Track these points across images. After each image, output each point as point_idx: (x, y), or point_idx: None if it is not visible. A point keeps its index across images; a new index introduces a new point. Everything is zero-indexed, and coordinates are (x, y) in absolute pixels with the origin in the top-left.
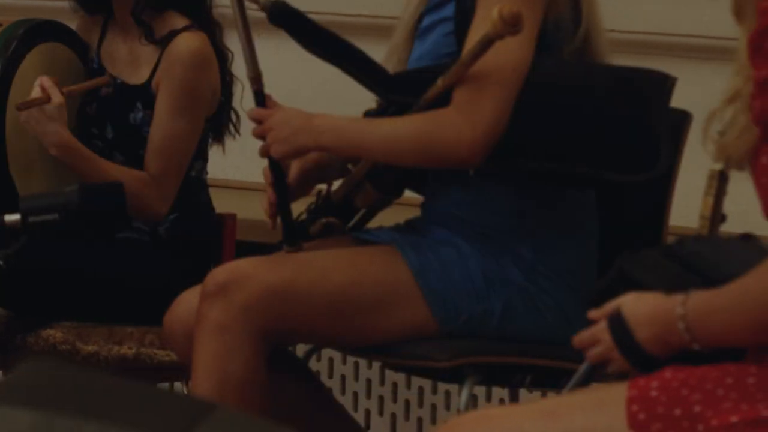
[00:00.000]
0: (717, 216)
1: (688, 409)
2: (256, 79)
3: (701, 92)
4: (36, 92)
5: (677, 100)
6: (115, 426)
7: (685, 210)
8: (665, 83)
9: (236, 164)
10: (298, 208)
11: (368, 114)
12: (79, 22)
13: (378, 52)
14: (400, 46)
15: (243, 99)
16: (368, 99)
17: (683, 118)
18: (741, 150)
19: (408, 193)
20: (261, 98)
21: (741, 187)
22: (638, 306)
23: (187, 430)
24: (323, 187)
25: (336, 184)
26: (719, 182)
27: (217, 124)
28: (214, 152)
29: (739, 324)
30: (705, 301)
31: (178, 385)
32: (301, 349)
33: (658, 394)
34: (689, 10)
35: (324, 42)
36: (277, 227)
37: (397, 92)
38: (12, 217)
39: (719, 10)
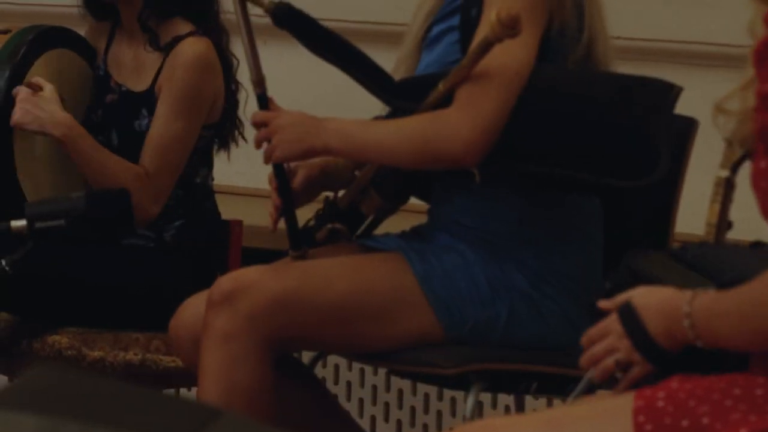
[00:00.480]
0: (723, 223)
1: (696, 421)
2: (259, 82)
3: (706, 99)
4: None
5: (681, 107)
6: (120, 431)
7: (692, 217)
8: (670, 92)
9: (242, 170)
10: (307, 214)
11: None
12: (87, 28)
13: (383, 59)
14: (409, 57)
15: (246, 107)
16: (372, 107)
17: (689, 125)
18: (743, 130)
19: (414, 200)
20: (264, 101)
21: (747, 195)
22: (649, 298)
23: None
24: (331, 193)
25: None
26: (725, 189)
27: (222, 131)
28: (219, 159)
29: (742, 330)
30: (711, 302)
31: (184, 391)
32: (306, 356)
33: (665, 405)
34: (694, 17)
35: (329, 44)
36: (278, 231)
37: (401, 98)
38: (18, 223)
39: (724, 17)
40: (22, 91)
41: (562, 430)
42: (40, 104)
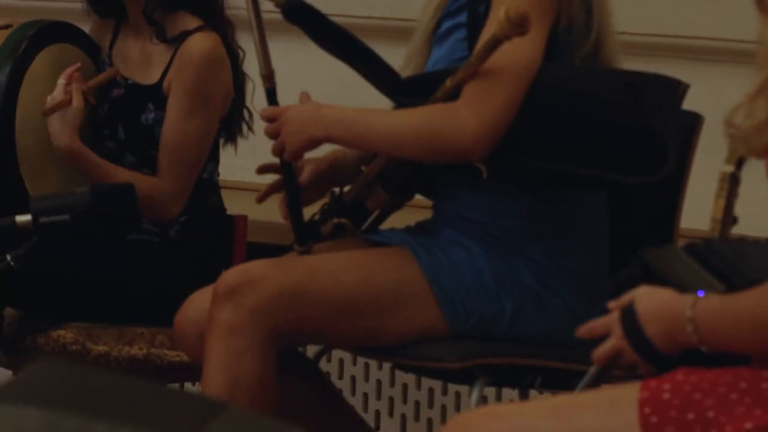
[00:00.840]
0: (728, 218)
1: (702, 414)
2: (268, 76)
3: (712, 94)
4: (59, 91)
5: (687, 102)
6: (124, 425)
7: (697, 212)
8: (676, 89)
9: (248, 166)
10: (313, 208)
11: None
12: (91, 25)
13: (388, 54)
14: (418, 52)
15: (254, 98)
16: (380, 103)
17: (695, 121)
18: (758, 144)
19: (419, 196)
20: (273, 96)
21: (752, 190)
22: (650, 301)
23: (196, 429)
24: (338, 188)
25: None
26: (730, 185)
27: (229, 123)
28: (225, 154)
29: (747, 335)
30: (715, 307)
31: (188, 385)
32: (311, 350)
33: (670, 397)
34: (700, 12)
35: (338, 40)
36: (283, 226)
37: (408, 95)
38: (23, 218)
39: (730, 12)
40: (53, 99)
41: (567, 418)
42: (52, 120)
